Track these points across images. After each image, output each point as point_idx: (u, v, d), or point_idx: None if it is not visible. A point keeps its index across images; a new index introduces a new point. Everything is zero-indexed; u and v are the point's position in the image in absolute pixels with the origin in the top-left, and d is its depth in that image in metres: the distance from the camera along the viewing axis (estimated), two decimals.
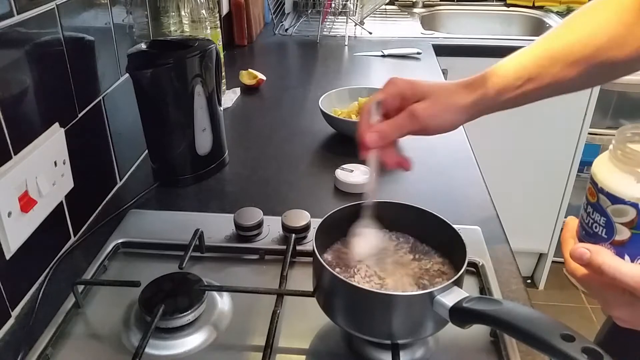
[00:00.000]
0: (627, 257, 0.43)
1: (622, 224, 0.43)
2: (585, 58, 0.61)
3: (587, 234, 0.46)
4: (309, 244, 0.75)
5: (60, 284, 0.69)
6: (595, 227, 0.45)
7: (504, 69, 0.65)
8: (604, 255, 0.43)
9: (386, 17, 2.13)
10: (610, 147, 0.44)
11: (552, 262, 2.12)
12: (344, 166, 0.92)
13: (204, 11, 1.07)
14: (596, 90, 1.75)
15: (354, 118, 1.08)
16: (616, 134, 0.44)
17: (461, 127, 1.13)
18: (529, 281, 2.21)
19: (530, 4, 2.16)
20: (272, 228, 0.77)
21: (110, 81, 0.87)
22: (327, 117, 1.07)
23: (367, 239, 0.60)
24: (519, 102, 0.65)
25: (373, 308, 0.52)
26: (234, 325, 0.63)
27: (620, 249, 0.43)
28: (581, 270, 0.46)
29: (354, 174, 0.90)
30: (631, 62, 0.61)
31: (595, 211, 0.44)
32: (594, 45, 0.61)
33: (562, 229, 0.52)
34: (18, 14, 0.62)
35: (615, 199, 0.42)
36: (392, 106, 0.63)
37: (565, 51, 0.62)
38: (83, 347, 0.61)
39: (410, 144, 1.07)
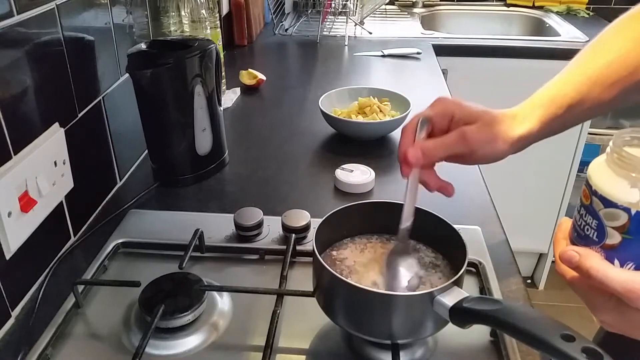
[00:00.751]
0: (616, 262, 0.43)
1: (613, 228, 0.42)
2: (624, 78, 0.60)
3: (578, 236, 0.46)
4: (309, 244, 0.75)
5: (60, 284, 0.69)
6: (587, 230, 0.45)
7: (548, 98, 0.63)
8: (592, 259, 0.43)
9: (386, 17, 2.13)
10: (608, 150, 0.44)
11: (552, 262, 2.11)
12: (344, 166, 0.92)
13: (204, 11, 1.07)
14: None
15: (354, 118, 1.08)
16: (614, 137, 0.44)
17: None
18: (529, 281, 2.21)
19: (530, 4, 2.16)
20: (272, 228, 0.77)
21: (110, 81, 0.87)
22: (327, 117, 1.07)
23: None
24: (558, 130, 0.65)
25: (373, 308, 0.52)
26: (234, 325, 0.63)
27: (611, 253, 0.43)
28: (570, 273, 0.46)
29: (354, 174, 0.90)
30: None
31: (588, 213, 0.44)
32: (631, 65, 0.60)
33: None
34: (18, 14, 0.62)
35: (608, 203, 0.42)
36: (440, 125, 0.61)
37: (603, 73, 0.61)
38: (83, 347, 0.61)
39: None
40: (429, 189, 0.60)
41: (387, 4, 2.18)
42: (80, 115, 0.78)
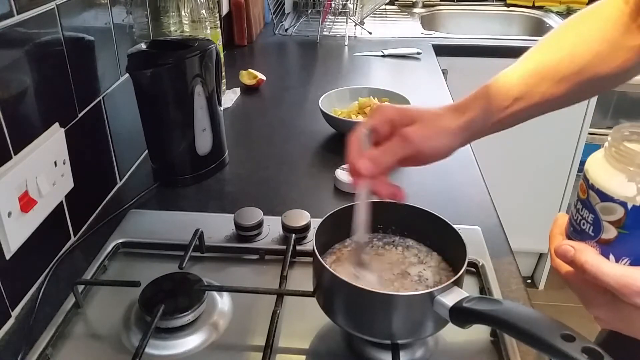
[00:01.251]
0: (612, 257, 0.43)
1: (609, 222, 0.42)
2: (572, 75, 0.61)
3: (574, 231, 0.46)
4: (309, 244, 0.75)
5: (60, 284, 0.69)
6: (583, 224, 0.44)
7: (493, 90, 0.63)
8: (587, 254, 0.43)
9: (386, 17, 2.13)
10: (606, 144, 0.44)
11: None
12: (344, 166, 0.92)
13: (204, 11, 1.07)
14: None
15: (354, 118, 1.08)
16: (612, 131, 0.44)
17: None
18: (529, 281, 2.21)
19: (530, 4, 2.16)
20: (272, 228, 0.77)
21: (110, 81, 0.87)
22: (327, 117, 1.07)
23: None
24: (509, 123, 0.64)
25: (373, 308, 0.52)
26: (234, 325, 0.63)
27: (606, 247, 0.43)
28: (565, 267, 0.46)
29: None
30: (616, 76, 0.62)
31: (584, 208, 0.44)
32: (580, 62, 0.61)
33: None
34: (18, 14, 0.62)
35: (604, 196, 0.42)
36: (383, 133, 0.60)
37: (553, 69, 0.62)
38: (83, 347, 0.61)
39: None
40: (381, 197, 0.59)
41: (387, 4, 2.17)
42: (80, 115, 0.78)
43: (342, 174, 0.90)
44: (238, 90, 1.33)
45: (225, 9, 1.61)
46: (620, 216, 0.41)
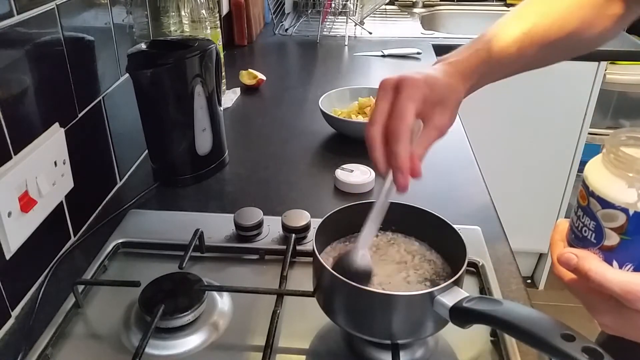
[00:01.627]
0: (615, 263, 0.43)
1: (611, 229, 0.42)
2: (559, 40, 0.65)
3: (576, 238, 0.45)
4: (309, 244, 0.74)
5: (60, 284, 0.69)
6: (585, 232, 0.44)
7: (492, 54, 0.65)
8: (590, 262, 0.42)
9: (386, 17, 2.12)
10: (604, 150, 0.44)
11: (552, 262, 2.11)
12: (344, 166, 0.92)
13: (204, 11, 1.07)
14: (596, 90, 1.75)
15: (354, 118, 1.08)
16: (609, 137, 0.43)
17: (461, 127, 1.13)
18: (529, 281, 2.21)
19: None
20: (272, 228, 0.77)
21: (110, 81, 0.87)
22: (327, 117, 1.07)
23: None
24: (495, 81, 0.68)
25: (373, 308, 0.52)
26: (234, 325, 0.63)
27: (609, 254, 0.43)
28: (568, 275, 0.46)
29: (354, 174, 0.90)
30: (595, 42, 0.68)
31: (585, 215, 0.44)
32: (568, 29, 0.65)
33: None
34: (18, 14, 0.62)
35: (605, 203, 0.42)
36: (417, 112, 0.58)
37: (543, 33, 0.65)
38: (83, 347, 0.61)
39: None
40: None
41: (387, 4, 2.17)
42: (80, 115, 0.78)
43: (342, 174, 0.90)
44: (238, 90, 1.33)
45: (225, 9, 1.61)
46: (622, 223, 0.41)
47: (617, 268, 0.43)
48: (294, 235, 0.73)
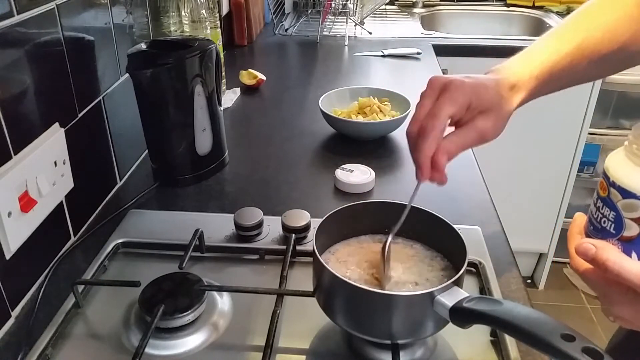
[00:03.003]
0: (634, 255, 0.42)
1: (631, 219, 0.42)
2: (611, 54, 0.64)
3: (595, 229, 0.45)
4: (309, 244, 0.74)
5: (60, 284, 0.69)
6: (604, 222, 0.44)
7: (545, 67, 0.64)
8: (609, 252, 0.42)
9: (386, 17, 2.12)
10: (626, 142, 0.44)
11: (552, 262, 2.11)
12: (344, 166, 0.92)
13: (204, 11, 1.07)
14: (596, 90, 1.75)
15: (354, 118, 1.08)
16: (633, 129, 0.43)
17: None
18: (529, 281, 2.21)
19: (530, 4, 2.16)
20: (272, 228, 0.77)
21: (110, 81, 0.87)
22: (327, 117, 1.07)
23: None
24: (548, 93, 0.67)
25: (373, 308, 0.52)
26: (234, 325, 0.63)
27: (628, 245, 0.43)
28: (585, 265, 0.45)
29: (354, 174, 0.90)
30: None
31: (605, 205, 0.44)
32: (619, 41, 0.63)
33: (561, 228, 0.51)
34: (18, 14, 0.62)
35: (626, 193, 0.42)
36: (458, 116, 0.58)
37: (593, 48, 0.64)
38: (83, 347, 0.61)
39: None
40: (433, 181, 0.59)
41: (387, 4, 2.17)
42: (80, 115, 0.78)
43: (342, 174, 0.90)
44: (238, 90, 1.33)
45: (225, 9, 1.61)
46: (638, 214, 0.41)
47: (635, 259, 0.42)
48: (294, 235, 0.73)
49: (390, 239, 0.57)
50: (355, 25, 1.88)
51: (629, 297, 0.42)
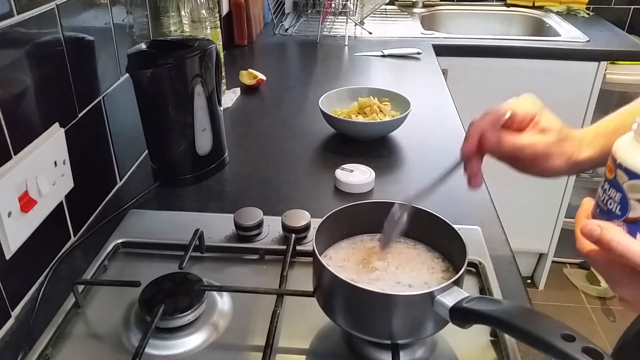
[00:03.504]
0: (639, 236, 0.43)
1: (637, 200, 0.43)
2: None
3: (601, 212, 0.46)
4: (309, 244, 0.75)
5: (60, 284, 0.69)
6: (610, 204, 0.45)
7: (611, 129, 0.65)
8: (613, 232, 0.42)
9: (386, 17, 2.13)
10: (634, 126, 0.44)
11: (552, 262, 2.11)
12: (344, 166, 0.92)
13: (204, 11, 1.07)
14: (596, 90, 1.75)
15: (354, 118, 1.08)
16: None
17: (461, 127, 1.13)
18: (529, 281, 2.21)
19: (530, 4, 2.16)
20: (272, 228, 0.77)
21: (110, 81, 0.87)
22: (327, 117, 1.07)
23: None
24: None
25: (373, 308, 0.52)
26: (234, 325, 0.63)
27: (633, 227, 0.43)
28: (589, 246, 0.45)
29: (354, 174, 0.90)
30: None
31: (611, 187, 0.45)
32: None
33: (561, 228, 0.52)
34: (18, 14, 0.62)
35: (632, 175, 0.42)
36: (519, 120, 0.61)
37: None
38: (83, 347, 0.61)
39: (409, 144, 1.07)
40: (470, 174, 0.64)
41: (387, 4, 2.17)
42: (80, 115, 0.78)
43: (342, 174, 0.90)
44: (238, 90, 1.33)
45: (225, 9, 1.61)
46: None
47: None
48: (294, 235, 0.73)
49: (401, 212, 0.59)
50: (355, 25, 1.88)
51: (633, 278, 0.43)
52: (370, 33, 1.86)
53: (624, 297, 0.44)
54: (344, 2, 1.87)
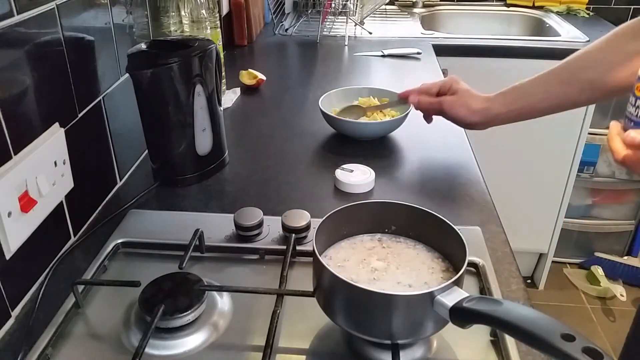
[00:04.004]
0: None
1: None
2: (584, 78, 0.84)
3: (635, 124, 0.54)
4: (309, 244, 0.75)
5: (60, 284, 0.69)
6: None
7: (515, 90, 0.89)
8: None
9: (386, 17, 2.13)
10: None
11: (552, 262, 2.12)
12: (344, 166, 0.92)
13: (204, 11, 1.07)
14: None
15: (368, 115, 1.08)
16: None
17: (462, 128, 1.13)
18: (529, 281, 2.21)
19: (530, 4, 2.16)
20: (272, 228, 0.77)
21: (110, 81, 0.87)
22: (327, 117, 1.07)
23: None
24: (524, 116, 0.92)
25: (373, 308, 0.52)
26: (234, 325, 0.63)
27: None
28: (626, 152, 0.55)
29: (354, 174, 0.90)
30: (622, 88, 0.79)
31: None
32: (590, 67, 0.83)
33: (561, 228, 0.56)
34: (18, 14, 0.62)
35: None
36: (443, 90, 0.95)
37: (567, 74, 0.85)
38: (83, 347, 0.61)
39: (409, 144, 1.07)
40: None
41: (387, 4, 2.17)
42: (80, 115, 0.78)
43: (342, 174, 0.90)
44: (238, 90, 1.33)
45: (225, 9, 1.61)
46: None
47: None
48: (294, 235, 0.73)
49: None
50: (355, 25, 1.88)
51: None
52: (370, 33, 1.86)
53: None
54: (344, 2, 1.87)
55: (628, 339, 0.86)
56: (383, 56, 1.64)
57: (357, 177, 0.90)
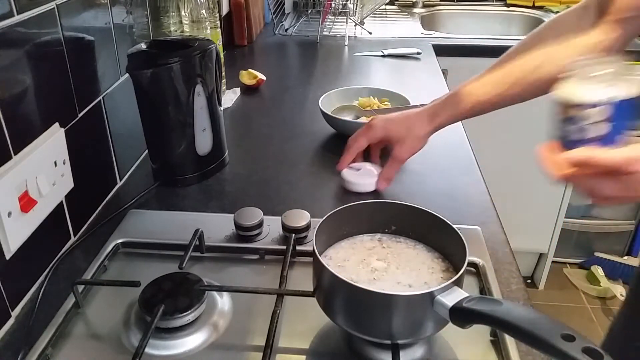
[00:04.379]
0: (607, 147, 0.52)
1: (591, 124, 0.52)
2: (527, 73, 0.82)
3: (568, 143, 0.54)
4: (309, 244, 0.75)
5: (60, 284, 0.69)
6: (573, 135, 0.54)
7: (458, 97, 0.86)
8: (593, 150, 0.52)
9: (386, 17, 2.13)
10: (573, 72, 0.53)
11: (552, 262, 2.11)
12: (351, 165, 0.91)
13: (204, 11, 1.07)
14: None
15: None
16: (576, 65, 0.54)
17: (461, 128, 1.13)
18: (529, 281, 2.21)
19: (530, 4, 2.16)
20: (272, 228, 0.77)
21: (110, 81, 0.87)
22: (327, 117, 1.07)
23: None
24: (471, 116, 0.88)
25: (373, 308, 0.52)
26: (234, 325, 0.63)
27: (599, 143, 0.53)
28: (569, 171, 0.54)
29: (360, 172, 0.90)
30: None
31: (568, 123, 0.54)
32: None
33: (561, 228, 0.55)
34: (18, 14, 0.62)
35: (583, 106, 0.52)
36: (374, 145, 0.92)
37: (508, 71, 0.85)
38: (83, 347, 0.61)
39: None
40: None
41: (387, 4, 2.17)
42: (80, 115, 0.78)
43: (350, 174, 0.90)
44: (238, 90, 1.33)
45: (225, 9, 1.61)
46: (604, 115, 0.52)
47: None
48: (294, 235, 0.73)
49: None
50: (355, 25, 1.88)
51: (609, 177, 0.51)
52: (370, 33, 1.86)
53: (608, 195, 0.52)
54: (344, 2, 1.87)
55: (613, 324, 0.88)
56: (383, 56, 1.64)
57: (364, 176, 0.89)
